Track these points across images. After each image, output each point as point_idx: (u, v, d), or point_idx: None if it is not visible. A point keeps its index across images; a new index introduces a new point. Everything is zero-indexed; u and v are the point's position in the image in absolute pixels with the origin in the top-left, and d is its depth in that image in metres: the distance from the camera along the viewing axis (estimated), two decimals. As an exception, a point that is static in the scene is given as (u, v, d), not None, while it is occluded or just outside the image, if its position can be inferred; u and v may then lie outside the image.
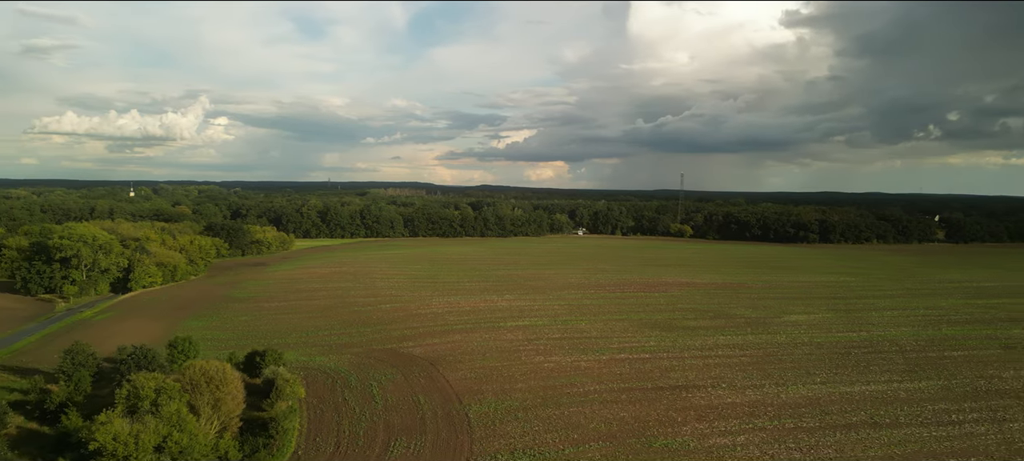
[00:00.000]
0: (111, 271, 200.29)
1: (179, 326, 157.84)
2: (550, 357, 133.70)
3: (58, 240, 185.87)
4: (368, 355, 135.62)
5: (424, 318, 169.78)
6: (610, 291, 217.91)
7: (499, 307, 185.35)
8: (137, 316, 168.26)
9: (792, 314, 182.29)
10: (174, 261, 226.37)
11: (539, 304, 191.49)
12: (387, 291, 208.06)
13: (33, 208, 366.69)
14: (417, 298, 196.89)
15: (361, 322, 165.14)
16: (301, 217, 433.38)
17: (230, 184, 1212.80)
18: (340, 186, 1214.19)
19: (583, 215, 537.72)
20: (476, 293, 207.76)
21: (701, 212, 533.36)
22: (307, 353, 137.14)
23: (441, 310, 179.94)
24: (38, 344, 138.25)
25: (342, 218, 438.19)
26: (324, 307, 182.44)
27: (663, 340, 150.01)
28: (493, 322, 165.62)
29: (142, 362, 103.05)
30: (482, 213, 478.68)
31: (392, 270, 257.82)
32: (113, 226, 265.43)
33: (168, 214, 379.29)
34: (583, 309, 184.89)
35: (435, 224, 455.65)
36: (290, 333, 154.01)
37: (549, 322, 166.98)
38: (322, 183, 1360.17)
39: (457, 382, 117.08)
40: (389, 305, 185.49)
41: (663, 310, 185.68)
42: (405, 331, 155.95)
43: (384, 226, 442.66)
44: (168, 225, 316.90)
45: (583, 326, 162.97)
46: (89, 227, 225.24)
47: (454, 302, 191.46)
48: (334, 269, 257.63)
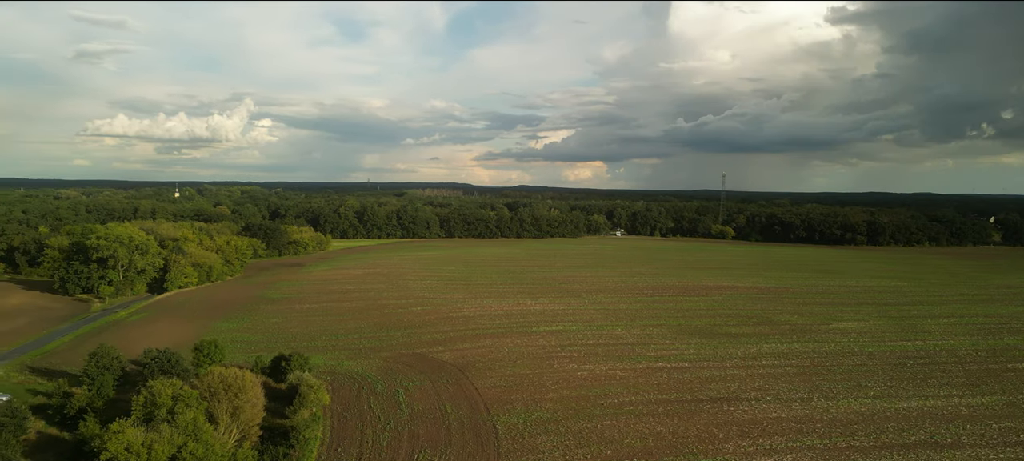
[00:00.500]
0: (147, 271, 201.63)
1: (210, 328, 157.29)
2: (583, 365, 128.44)
3: (95, 240, 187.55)
4: (397, 360, 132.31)
5: (455, 322, 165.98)
6: (648, 295, 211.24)
7: (532, 311, 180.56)
8: (170, 317, 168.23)
9: (841, 321, 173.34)
10: (210, 261, 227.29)
11: (573, 308, 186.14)
12: (419, 293, 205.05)
13: (79, 208, 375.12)
14: (449, 301, 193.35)
15: (391, 325, 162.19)
16: (338, 217, 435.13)
17: (273, 185, 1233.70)
18: (379, 187, 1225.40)
19: (621, 216, 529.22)
20: (509, 296, 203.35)
21: (743, 213, 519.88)
22: (335, 357, 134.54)
23: (473, 313, 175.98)
24: (70, 345, 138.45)
25: (379, 219, 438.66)
26: (356, 309, 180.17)
27: (703, 348, 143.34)
28: (525, 326, 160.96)
29: (165, 366, 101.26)
30: (518, 214, 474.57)
31: (426, 271, 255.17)
32: (153, 226, 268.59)
33: (208, 214, 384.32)
34: (619, 314, 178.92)
35: (471, 225, 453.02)
36: (320, 336, 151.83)
37: (583, 327, 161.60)
38: (361, 184, 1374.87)
39: (486, 390, 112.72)
40: (420, 308, 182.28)
41: (703, 315, 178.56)
42: (435, 335, 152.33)
43: (420, 227, 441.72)
44: (207, 225, 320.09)
45: (619, 332, 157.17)
46: (127, 228, 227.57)
47: (486, 305, 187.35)
48: (368, 270, 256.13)
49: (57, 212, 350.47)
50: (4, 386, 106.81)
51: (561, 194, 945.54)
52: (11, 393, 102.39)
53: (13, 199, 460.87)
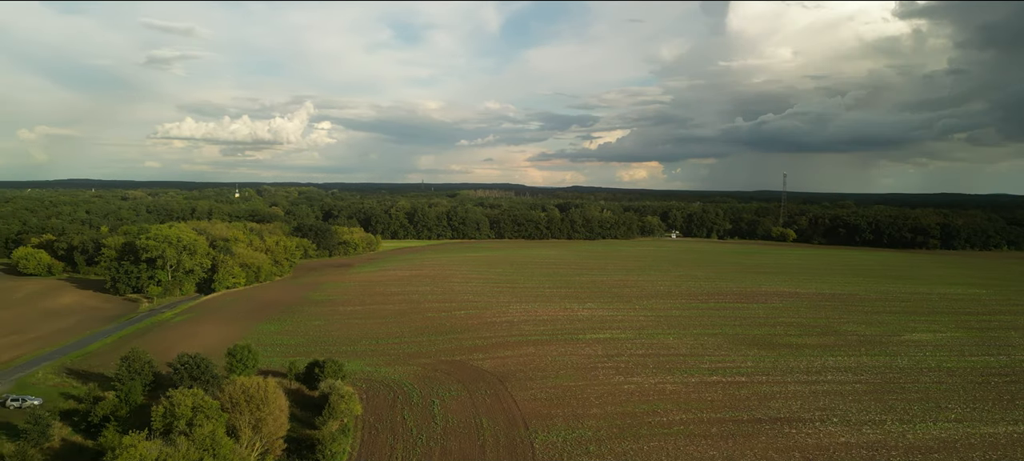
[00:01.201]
0: (196, 272, 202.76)
1: (252, 329, 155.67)
2: (631, 377, 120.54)
3: (145, 241, 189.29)
4: (435, 367, 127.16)
5: (498, 327, 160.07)
6: (702, 301, 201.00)
7: (579, 317, 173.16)
8: (214, 318, 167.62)
9: (914, 332, 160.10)
10: (258, 262, 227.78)
11: (623, 314, 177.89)
12: (464, 296, 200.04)
13: (140, 209, 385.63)
14: (493, 304, 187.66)
15: (433, 330, 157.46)
16: (389, 218, 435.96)
17: (331, 186, 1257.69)
18: (433, 188, 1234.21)
19: (676, 217, 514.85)
20: (556, 300, 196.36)
21: (805, 215, 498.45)
22: (373, 363, 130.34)
23: (517, 318, 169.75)
24: (112, 346, 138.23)
25: (429, 219, 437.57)
26: (398, 312, 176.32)
27: (762, 360, 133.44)
28: (571, 333, 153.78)
29: (195, 372, 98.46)
30: (569, 215, 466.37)
31: (472, 273, 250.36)
32: (206, 227, 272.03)
33: (262, 215, 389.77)
34: (671, 321, 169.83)
35: (521, 226, 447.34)
36: (360, 340, 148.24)
37: (633, 335, 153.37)
38: (416, 185, 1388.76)
39: (525, 403, 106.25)
40: (463, 312, 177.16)
41: (762, 324, 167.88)
42: (477, 341, 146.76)
43: (470, 227, 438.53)
44: (260, 226, 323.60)
45: (670, 341, 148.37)
46: (177, 228, 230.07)
47: (531, 310, 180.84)
48: (414, 271, 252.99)
49: (118, 212, 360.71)
50: (39, 389, 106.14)
51: (614, 195, 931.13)
52: (44, 396, 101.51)
53: (78, 199, 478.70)
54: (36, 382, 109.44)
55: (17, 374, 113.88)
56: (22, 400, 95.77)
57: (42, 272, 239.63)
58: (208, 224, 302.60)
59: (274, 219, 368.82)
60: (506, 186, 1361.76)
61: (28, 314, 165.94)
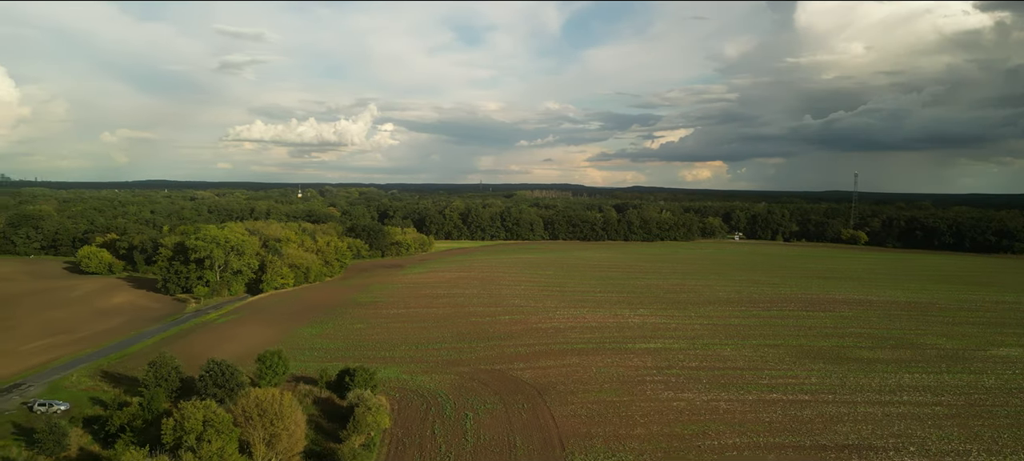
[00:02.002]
0: (244, 272, 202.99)
1: (293, 332, 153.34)
2: (681, 393, 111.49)
3: (194, 241, 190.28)
4: (473, 376, 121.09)
5: (543, 334, 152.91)
6: (764, 308, 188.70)
7: (630, 324, 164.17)
8: (257, 320, 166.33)
9: (1002, 346, 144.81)
10: (307, 263, 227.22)
11: (677, 322, 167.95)
12: (510, 300, 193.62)
13: (202, 209, 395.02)
14: (540, 309, 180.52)
15: (475, 335, 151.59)
16: (443, 219, 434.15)
17: (393, 186, 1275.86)
18: (491, 188, 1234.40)
19: (739, 218, 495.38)
20: (606, 306, 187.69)
21: (878, 216, 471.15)
22: (409, 370, 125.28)
23: (563, 324, 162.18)
24: (152, 348, 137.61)
25: (483, 220, 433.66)
26: (441, 316, 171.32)
27: (828, 376, 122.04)
28: (620, 342, 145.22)
29: (219, 380, 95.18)
30: (626, 216, 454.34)
31: (521, 276, 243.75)
32: (260, 227, 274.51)
33: (318, 215, 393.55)
34: (729, 330, 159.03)
35: (576, 227, 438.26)
36: (399, 345, 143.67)
37: (686, 345, 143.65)
38: (474, 186, 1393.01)
39: (564, 420, 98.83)
40: (508, 317, 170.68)
41: (829, 335, 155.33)
42: (519, 348, 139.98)
43: (524, 228, 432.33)
44: (314, 226, 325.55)
45: (727, 353, 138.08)
46: (230, 228, 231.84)
47: (579, 316, 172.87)
48: (462, 273, 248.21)
49: (181, 212, 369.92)
50: (71, 392, 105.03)
51: (676, 195, 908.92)
52: (74, 400, 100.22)
53: (144, 199, 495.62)
54: (70, 385, 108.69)
55: (53, 376, 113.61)
56: (49, 405, 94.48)
57: (103, 271, 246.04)
58: (263, 224, 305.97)
59: (329, 219, 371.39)
60: (565, 186, 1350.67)
61: (80, 314, 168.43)
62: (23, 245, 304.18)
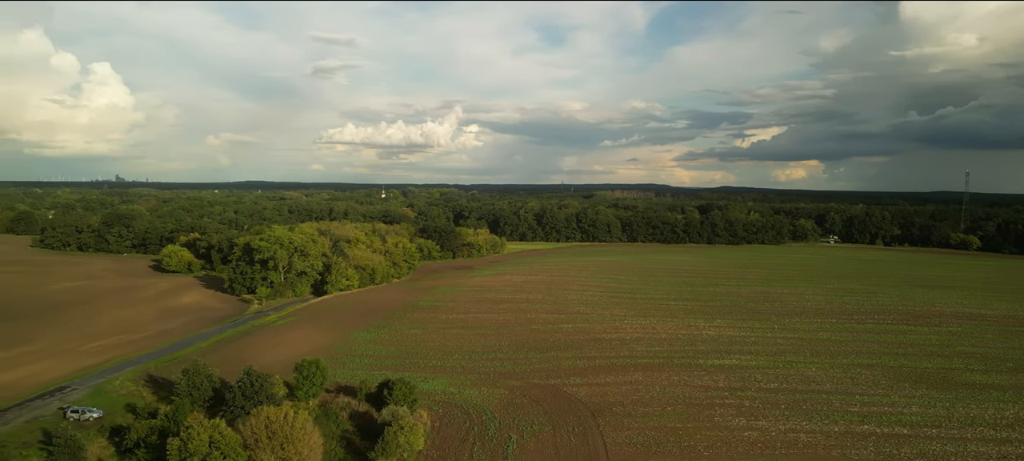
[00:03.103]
0: (309, 274, 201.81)
1: (348, 337, 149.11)
2: (755, 420, 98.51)
3: (258, 242, 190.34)
4: (525, 392, 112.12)
5: (606, 345, 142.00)
6: (858, 321, 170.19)
7: (704, 337, 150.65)
8: (314, 323, 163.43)
9: None
10: (373, 264, 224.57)
11: (757, 335, 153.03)
12: (576, 307, 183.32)
13: (283, 210, 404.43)
14: (607, 318, 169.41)
15: (533, 345, 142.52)
16: (518, 220, 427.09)
17: (476, 187, 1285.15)
18: (573, 189, 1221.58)
19: (834, 220, 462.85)
20: (679, 315, 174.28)
21: (992, 219, 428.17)
22: (459, 381, 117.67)
23: (630, 335, 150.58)
24: (205, 351, 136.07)
25: (558, 221, 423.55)
26: (500, 323, 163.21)
27: (932, 404, 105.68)
28: (690, 357, 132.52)
29: (249, 391, 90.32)
30: (710, 217, 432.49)
31: (592, 280, 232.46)
32: (332, 227, 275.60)
33: (394, 216, 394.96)
34: (816, 346, 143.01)
35: (655, 229, 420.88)
36: (453, 353, 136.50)
37: (766, 363, 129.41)
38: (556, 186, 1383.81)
39: (617, 448, 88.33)
40: (571, 325, 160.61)
41: (934, 354, 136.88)
42: (578, 361, 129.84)
43: (600, 230, 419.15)
44: (387, 227, 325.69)
45: (812, 372, 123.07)
46: (301, 229, 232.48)
47: (649, 326, 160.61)
48: (530, 277, 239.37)
49: (262, 213, 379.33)
50: (111, 397, 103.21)
51: (766, 196, 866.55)
52: (111, 407, 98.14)
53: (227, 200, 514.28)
54: (113, 389, 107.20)
55: (100, 379, 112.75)
56: (81, 412, 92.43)
57: (182, 269, 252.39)
58: (337, 225, 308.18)
59: (403, 220, 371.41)
60: (651, 186, 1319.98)
61: (147, 313, 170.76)
62: (115, 243, 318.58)
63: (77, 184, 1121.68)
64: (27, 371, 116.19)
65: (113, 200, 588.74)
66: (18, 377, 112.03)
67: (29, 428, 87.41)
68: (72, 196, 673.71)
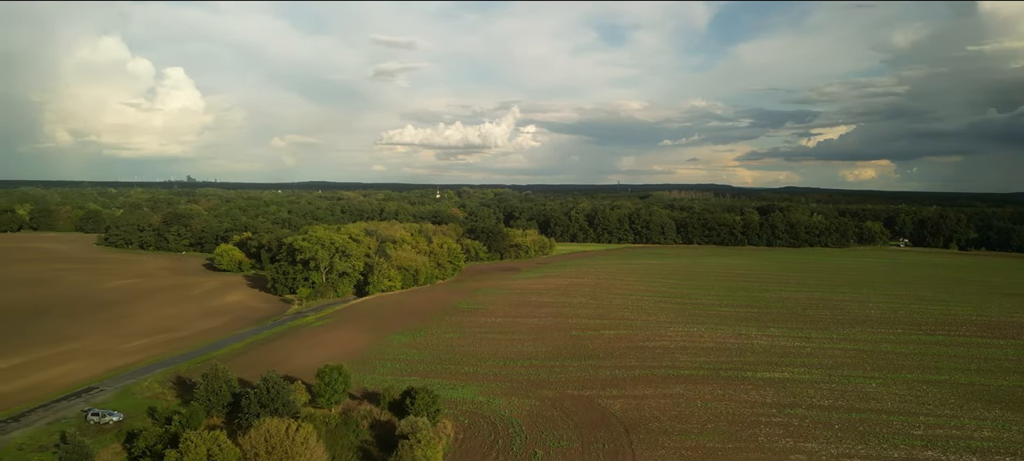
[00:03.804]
0: (351, 274, 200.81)
1: (383, 340, 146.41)
2: (804, 441, 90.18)
3: (300, 242, 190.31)
4: (556, 403, 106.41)
5: (648, 354, 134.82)
6: (927, 332, 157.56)
7: (755, 346, 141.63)
8: (351, 325, 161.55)
9: None
10: (417, 265, 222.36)
11: (814, 345, 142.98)
12: (621, 312, 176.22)
13: (335, 209, 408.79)
14: (652, 324, 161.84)
15: (570, 352, 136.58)
16: (569, 221, 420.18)
17: (532, 187, 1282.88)
18: (629, 189, 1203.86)
19: (905, 223, 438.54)
20: (729, 322, 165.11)
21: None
22: (488, 390, 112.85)
23: (675, 344, 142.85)
24: (239, 352, 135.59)
25: (610, 222, 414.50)
26: (540, 328, 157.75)
27: (1007, 427, 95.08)
28: (738, 369, 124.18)
29: (265, 398, 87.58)
30: (770, 219, 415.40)
31: (639, 284, 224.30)
32: (378, 227, 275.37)
33: (443, 216, 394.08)
34: (878, 359, 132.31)
35: (712, 231, 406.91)
36: (487, 359, 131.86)
37: (820, 377, 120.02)
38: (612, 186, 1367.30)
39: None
40: (613, 332, 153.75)
41: (1011, 371, 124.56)
42: (616, 371, 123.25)
43: (654, 231, 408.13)
44: (435, 227, 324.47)
45: (872, 389, 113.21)
46: (348, 229, 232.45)
47: (695, 334, 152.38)
48: (576, 280, 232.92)
49: (314, 213, 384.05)
50: (136, 400, 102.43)
51: (832, 196, 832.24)
52: (133, 409, 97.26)
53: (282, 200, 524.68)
54: (139, 391, 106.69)
55: (129, 380, 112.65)
56: (101, 415, 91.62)
57: (233, 268, 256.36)
58: (386, 225, 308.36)
59: (452, 220, 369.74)
60: (710, 187, 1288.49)
61: (190, 312, 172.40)
62: (174, 242, 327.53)
63: (150, 184, 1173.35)
64: (61, 370, 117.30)
65: (179, 199, 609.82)
66: (51, 377, 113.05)
67: (49, 430, 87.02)
68: (142, 195, 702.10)
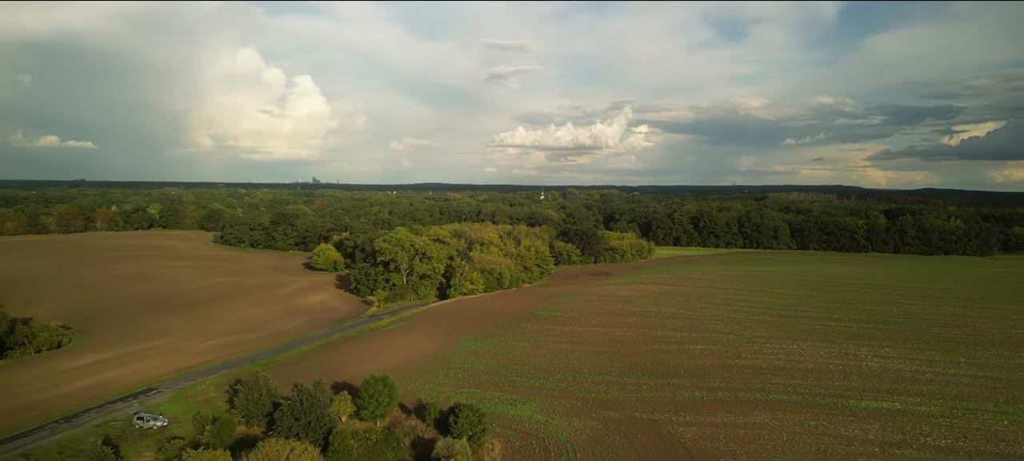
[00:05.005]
0: (432, 276, 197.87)
1: (452, 347, 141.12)
2: (909, 493, 75.30)
3: (381, 244, 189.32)
4: (621, 427, 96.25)
5: (736, 373, 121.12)
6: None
7: (863, 369, 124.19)
8: (421, 330, 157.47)
9: None
10: (501, 267, 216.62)
11: (936, 370, 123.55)
12: (712, 324, 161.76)
13: (434, 211, 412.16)
14: (745, 339, 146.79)
15: (648, 368, 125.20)
16: (672, 223, 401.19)
17: (644, 189, 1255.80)
18: (746, 190, 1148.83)
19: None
20: (838, 339, 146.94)
21: None
22: (549, 408, 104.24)
23: (768, 363, 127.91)
24: (305, 355, 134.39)
25: (717, 225, 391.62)
26: (619, 339, 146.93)
27: None
28: (838, 395, 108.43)
29: (298, 410, 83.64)
30: (898, 223, 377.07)
31: (740, 294, 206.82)
32: (476, 229, 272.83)
33: (537, 218, 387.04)
34: (1015, 390, 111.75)
35: (830, 235, 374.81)
36: (555, 372, 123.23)
37: (940, 409, 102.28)
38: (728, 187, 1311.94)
39: (709, 515, 70.42)
40: (700, 346, 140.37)
41: None
42: (696, 392, 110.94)
43: (765, 236, 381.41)
44: (530, 229, 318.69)
45: (1003, 428, 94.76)
46: (435, 231, 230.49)
47: (795, 352, 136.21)
48: (669, 287, 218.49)
49: (413, 213, 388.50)
50: (188, 404, 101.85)
51: (976, 199, 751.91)
52: (185, 413, 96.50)
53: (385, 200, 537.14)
54: (194, 394, 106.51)
55: (188, 382, 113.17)
56: (147, 419, 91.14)
57: (329, 267, 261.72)
58: (478, 226, 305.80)
59: (546, 222, 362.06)
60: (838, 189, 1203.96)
61: (272, 312, 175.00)
62: (281, 240, 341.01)
63: (279, 185, 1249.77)
64: (133, 368, 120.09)
65: (296, 200, 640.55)
66: (120, 375, 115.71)
67: (94, 433, 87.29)
68: (265, 196, 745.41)
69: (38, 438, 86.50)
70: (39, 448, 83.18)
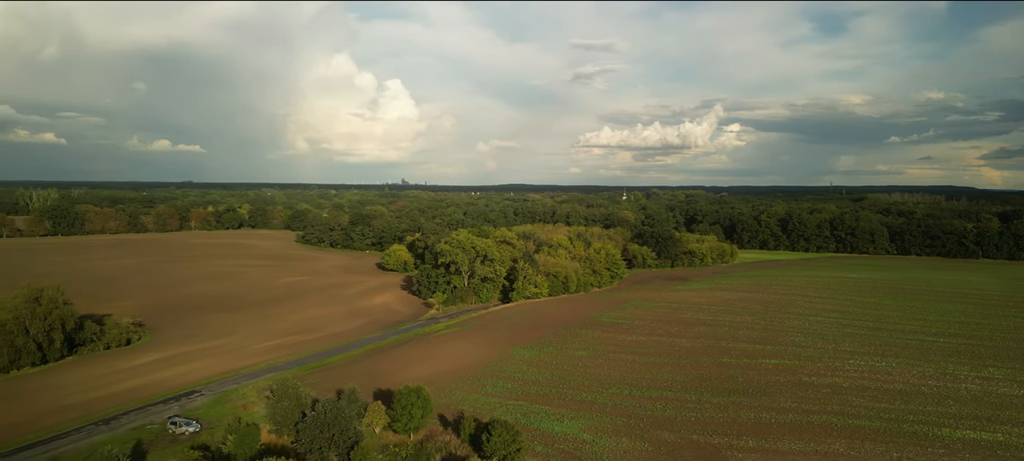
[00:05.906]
0: (494, 279, 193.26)
1: (505, 354, 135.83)
2: (1008, 550, 63.53)
3: (442, 245, 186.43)
4: (673, 451, 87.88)
5: (812, 393, 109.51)
6: None
7: (961, 392, 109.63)
8: (476, 335, 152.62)
9: None
10: (567, 271, 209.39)
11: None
12: (791, 336, 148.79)
13: (508, 211, 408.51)
14: (828, 353, 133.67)
15: (714, 384, 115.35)
16: (758, 226, 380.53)
17: (735, 189, 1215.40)
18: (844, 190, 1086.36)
19: None
20: (934, 356, 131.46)
21: None
22: (598, 426, 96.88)
23: (850, 382, 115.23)
24: (356, 358, 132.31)
25: (807, 228, 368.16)
26: (686, 351, 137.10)
27: None
28: (929, 423, 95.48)
29: (322, 422, 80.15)
30: (1013, 227, 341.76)
31: (825, 302, 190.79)
32: (533, 231, 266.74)
33: (613, 220, 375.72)
34: None
35: (935, 240, 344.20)
36: (610, 385, 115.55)
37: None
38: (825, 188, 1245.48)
39: None
40: (775, 361, 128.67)
41: None
42: (764, 413, 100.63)
43: (861, 239, 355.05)
44: (604, 231, 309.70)
45: None
46: (503, 233, 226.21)
47: (883, 369, 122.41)
48: (748, 293, 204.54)
49: (487, 214, 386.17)
50: (224, 409, 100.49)
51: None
52: (224, 417, 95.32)
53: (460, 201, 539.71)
54: (234, 398, 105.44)
55: (232, 385, 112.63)
56: (179, 424, 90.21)
57: (399, 267, 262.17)
58: (549, 228, 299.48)
59: (622, 224, 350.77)
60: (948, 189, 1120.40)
61: (334, 313, 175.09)
62: (358, 240, 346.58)
63: (369, 187, 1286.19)
64: (184, 369, 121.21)
65: (380, 201, 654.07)
66: (170, 376, 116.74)
67: (128, 437, 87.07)
68: (353, 197, 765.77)
69: (72, 441, 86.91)
70: (70, 452, 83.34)
